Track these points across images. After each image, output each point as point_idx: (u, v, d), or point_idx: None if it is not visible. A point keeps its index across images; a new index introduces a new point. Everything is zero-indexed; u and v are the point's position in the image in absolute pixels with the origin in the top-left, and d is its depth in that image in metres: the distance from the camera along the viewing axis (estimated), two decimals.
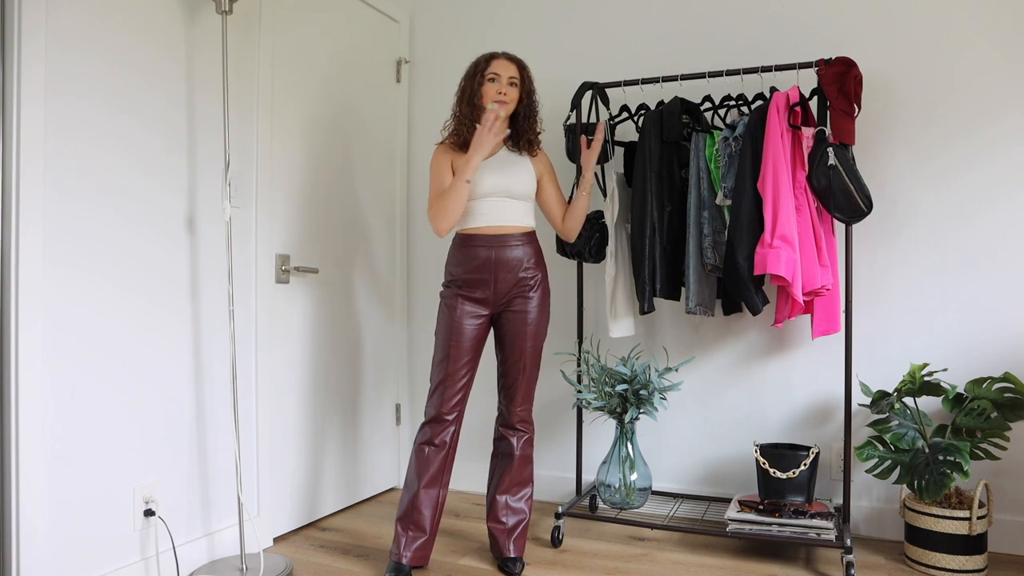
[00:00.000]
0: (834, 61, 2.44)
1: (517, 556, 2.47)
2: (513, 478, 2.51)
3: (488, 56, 2.48)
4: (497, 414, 2.56)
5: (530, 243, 2.46)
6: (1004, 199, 2.62)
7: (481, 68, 2.45)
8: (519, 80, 2.46)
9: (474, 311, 2.42)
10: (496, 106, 2.39)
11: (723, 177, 2.57)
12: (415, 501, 2.39)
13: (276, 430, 2.77)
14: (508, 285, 2.41)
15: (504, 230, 2.42)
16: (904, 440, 2.48)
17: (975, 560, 2.36)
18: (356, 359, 3.21)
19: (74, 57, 2.06)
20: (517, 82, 2.46)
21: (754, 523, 2.49)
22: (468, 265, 2.41)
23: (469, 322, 2.41)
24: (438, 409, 2.39)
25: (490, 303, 2.43)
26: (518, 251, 2.42)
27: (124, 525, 2.21)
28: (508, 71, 2.44)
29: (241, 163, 2.61)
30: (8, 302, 1.92)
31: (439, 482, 2.42)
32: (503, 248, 2.40)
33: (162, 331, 2.33)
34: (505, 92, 2.42)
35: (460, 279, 2.43)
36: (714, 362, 3.02)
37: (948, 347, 2.69)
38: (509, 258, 2.40)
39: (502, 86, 2.42)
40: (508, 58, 2.47)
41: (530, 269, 2.44)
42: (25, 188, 1.93)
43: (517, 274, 2.42)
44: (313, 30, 2.96)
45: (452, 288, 2.45)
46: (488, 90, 2.43)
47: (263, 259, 2.69)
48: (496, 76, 2.43)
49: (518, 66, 2.47)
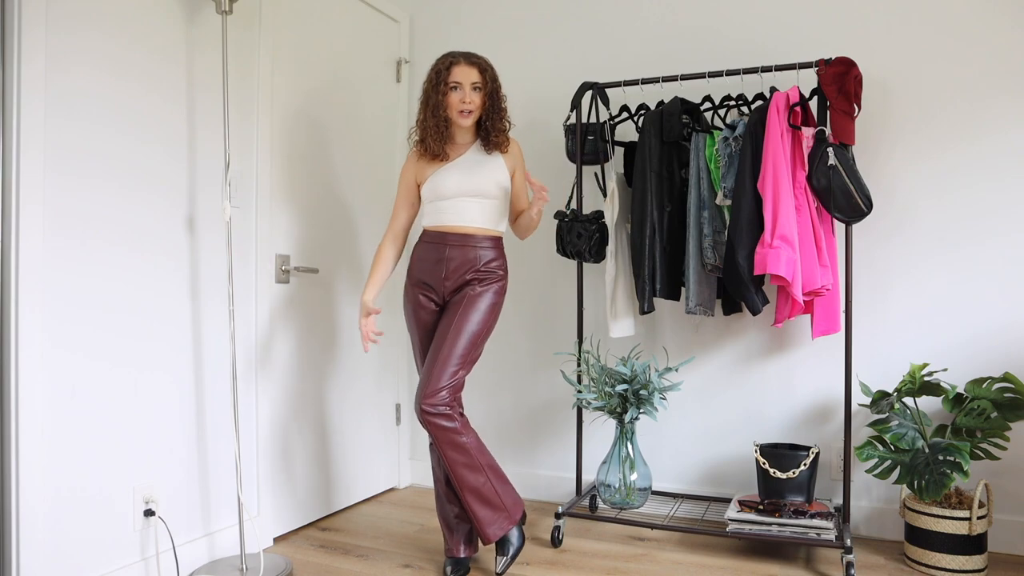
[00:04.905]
0: (834, 61, 2.44)
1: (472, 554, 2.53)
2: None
3: (448, 62, 2.40)
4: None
5: (493, 247, 2.46)
6: (1004, 199, 2.62)
7: (443, 77, 2.39)
8: (482, 83, 2.41)
9: (427, 304, 2.47)
10: (370, 336, 2.45)
11: (723, 177, 2.57)
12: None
13: (276, 430, 2.77)
14: (457, 283, 2.43)
15: (465, 230, 2.43)
16: (904, 440, 2.48)
17: (975, 560, 2.36)
18: (356, 359, 3.21)
19: (74, 58, 2.06)
20: (480, 86, 2.40)
21: (754, 523, 2.49)
22: (423, 265, 2.46)
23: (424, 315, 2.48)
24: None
25: (440, 295, 2.46)
26: (474, 252, 2.42)
27: (124, 525, 2.21)
28: (470, 77, 2.39)
29: (241, 163, 2.61)
30: (8, 302, 1.92)
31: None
32: (462, 248, 2.41)
33: (162, 331, 2.33)
34: (469, 100, 2.38)
35: (416, 277, 2.48)
36: (714, 362, 3.02)
37: (948, 347, 2.69)
38: (467, 258, 2.41)
39: (465, 94, 2.38)
40: (469, 62, 2.40)
41: (485, 270, 2.44)
42: (25, 188, 1.93)
43: (468, 273, 2.42)
44: (313, 30, 2.96)
45: (409, 282, 2.50)
46: (452, 100, 2.39)
47: (263, 259, 2.69)
48: (458, 84, 2.38)
49: (479, 68, 2.41)
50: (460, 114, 2.40)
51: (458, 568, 2.43)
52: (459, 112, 2.40)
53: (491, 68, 2.45)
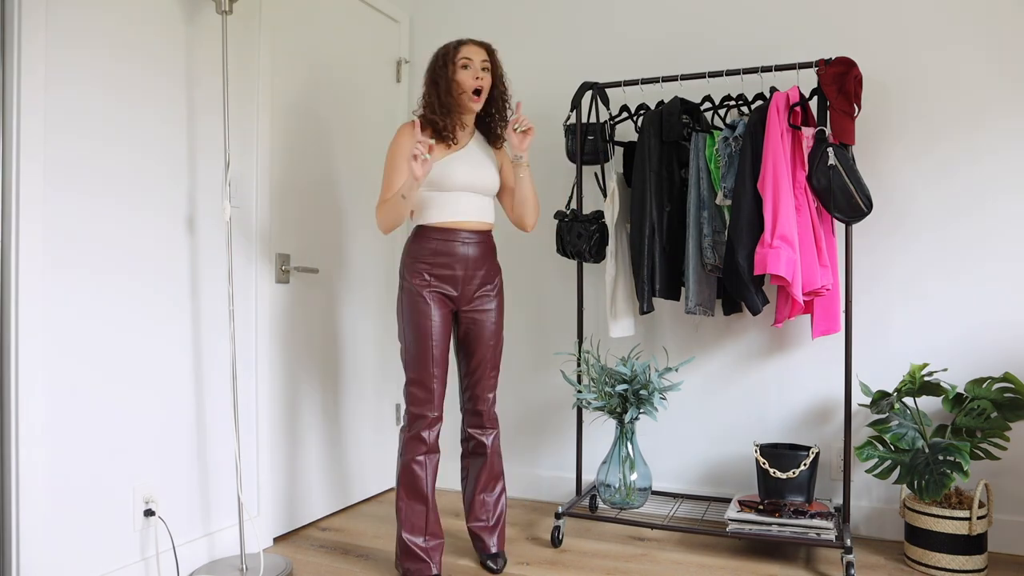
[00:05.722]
0: (834, 61, 2.44)
1: (499, 551, 2.50)
2: (490, 475, 2.53)
3: (456, 42, 2.39)
4: (462, 415, 2.54)
5: (486, 241, 2.44)
6: (1004, 200, 2.62)
7: (452, 56, 2.36)
8: (490, 64, 2.39)
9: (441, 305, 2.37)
10: (419, 148, 2.17)
11: (723, 177, 2.57)
12: None
13: (276, 430, 2.77)
14: (474, 283, 2.40)
15: (470, 225, 2.38)
16: (904, 440, 2.48)
17: (975, 560, 2.36)
18: (356, 359, 3.21)
19: (73, 58, 2.05)
20: (489, 66, 2.39)
21: (754, 523, 2.49)
22: (435, 260, 2.34)
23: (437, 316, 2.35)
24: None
25: (456, 299, 2.39)
26: (479, 248, 2.40)
27: (124, 525, 2.21)
28: (480, 56, 2.37)
29: (241, 163, 2.61)
30: (8, 303, 1.92)
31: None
32: (468, 244, 2.37)
33: (162, 330, 2.33)
34: (481, 78, 2.35)
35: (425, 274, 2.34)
36: (714, 362, 3.02)
37: (948, 347, 2.69)
38: (479, 255, 2.39)
39: (476, 71, 2.35)
40: (477, 43, 2.39)
41: (491, 270, 2.44)
42: (25, 188, 1.93)
43: (480, 272, 2.40)
44: (313, 30, 2.96)
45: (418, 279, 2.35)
46: (464, 77, 2.34)
47: (263, 259, 2.69)
48: (469, 62, 2.35)
49: (487, 50, 2.40)
50: (473, 94, 2.35)
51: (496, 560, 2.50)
52: (472, 90, 2.34)
53: (497, 54, 2.43)
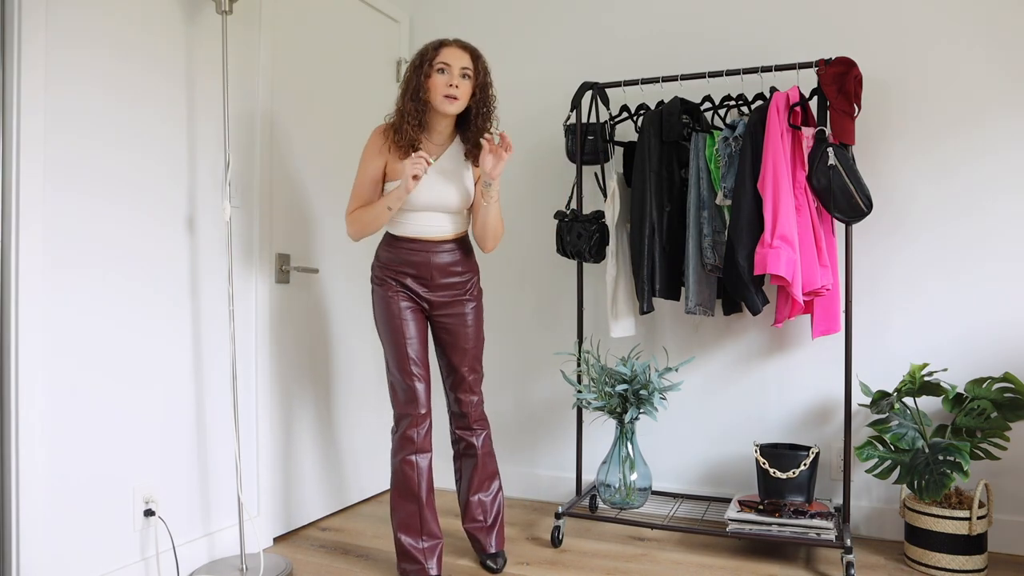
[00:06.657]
0: (834, 61, 2.44)
1: (499, 550, 2.49)
2: (482, 475, 2.50)
3: (437, 43, 2.20)
4: (449, 417, 2.52)
5: (459, 246, 2.37)
6: (1004, 200, 2.62)
7: (429, 57, 2.16)
8: (472, 71, 2.19)
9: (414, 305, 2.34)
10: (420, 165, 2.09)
11: (723, 177, 2.57)
12: None
13: (276, 430, 2.77)
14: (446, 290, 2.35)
15: (439, 237, 2.32)
16: (904, 440, 2.48)
17: (975, 560, 2.36)
18: (356, 359, 3.21)
19: (73, 58, 2.06)
20: (470, 73, 2.19)
21: (754, 523, 2.49)
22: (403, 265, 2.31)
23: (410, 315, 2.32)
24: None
25: (428, 306, 2.36)
26: (451, 255, 2.34)
27: (124, 525, 2.21)
28: (460, 60, 2.16)
29: (241, 163, 2.61)
30: (8, 302, 1.92)
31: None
32: (438, 253, 2.31)
33: (162, 331, 2.33)
34: (456, 85, 2.15)
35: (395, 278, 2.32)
36: (714, 362, 3.02)
37: (948, 347, 2.69)
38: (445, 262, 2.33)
39: (452, 78, 2.15)
40: (460, 46, 2.20)
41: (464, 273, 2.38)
42: (25, 188, 1.93)
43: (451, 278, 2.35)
44: (313, 30, 2.96)
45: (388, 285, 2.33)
46: (436, 82, 2.15)
47: (263, 259, 2.69)
48: (446, 66, 2.15)
49: (471, 55, 2.20)
50: (444, 99, 2.16)
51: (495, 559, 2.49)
52: (443, 96, 2.16)
53: (484, 59, 2.25)
